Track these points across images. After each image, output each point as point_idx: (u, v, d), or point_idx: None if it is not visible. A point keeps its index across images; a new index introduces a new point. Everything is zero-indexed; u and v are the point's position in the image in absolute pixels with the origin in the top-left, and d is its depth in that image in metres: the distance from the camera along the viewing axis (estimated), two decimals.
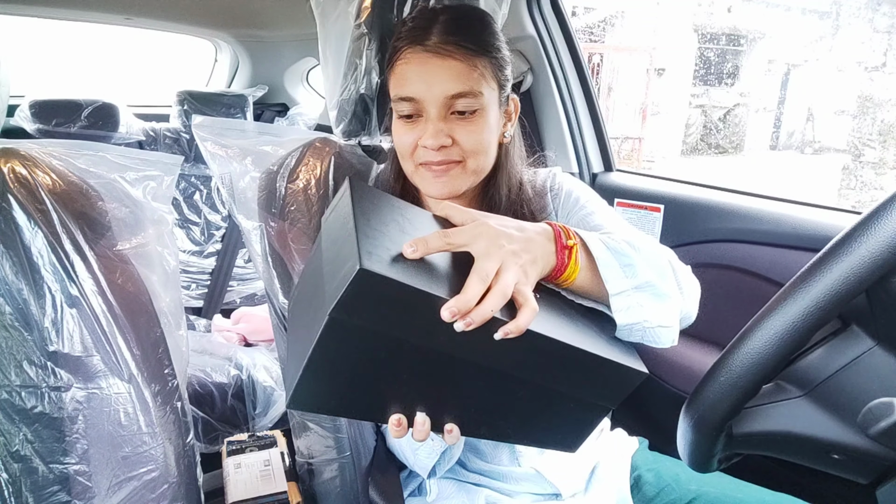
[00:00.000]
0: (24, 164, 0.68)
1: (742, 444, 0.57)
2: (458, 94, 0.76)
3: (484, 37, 0.78)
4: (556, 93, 1.52)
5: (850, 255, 0.48)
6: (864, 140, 3.05)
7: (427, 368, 0.56)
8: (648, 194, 1.38)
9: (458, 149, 0.78)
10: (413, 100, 0.77)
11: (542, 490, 0.87)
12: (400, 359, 0.54)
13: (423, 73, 0.76)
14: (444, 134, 0.77)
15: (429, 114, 0.77)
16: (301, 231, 0.91)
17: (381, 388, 0.57)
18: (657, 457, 0.96)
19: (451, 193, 0.81)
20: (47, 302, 0.68)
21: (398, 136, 0.81)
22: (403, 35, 0.79)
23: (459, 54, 0.75)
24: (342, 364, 0.54)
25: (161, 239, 0.80)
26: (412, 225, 0.60)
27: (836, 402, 0.54)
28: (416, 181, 0.84)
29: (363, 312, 0.50)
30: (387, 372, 0.55)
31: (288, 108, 2.44)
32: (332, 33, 0.93)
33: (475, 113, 0.77)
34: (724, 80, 4.64)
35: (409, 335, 0.53)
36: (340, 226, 0.57)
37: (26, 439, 0.68)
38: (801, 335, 0.50)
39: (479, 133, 0.78)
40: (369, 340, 0.52)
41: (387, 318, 0.51)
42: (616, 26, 4.69)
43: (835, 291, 0.48)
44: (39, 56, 2.43)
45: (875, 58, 2.97)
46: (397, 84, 0.79)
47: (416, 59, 0.76)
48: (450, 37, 0.76)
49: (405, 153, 0.81)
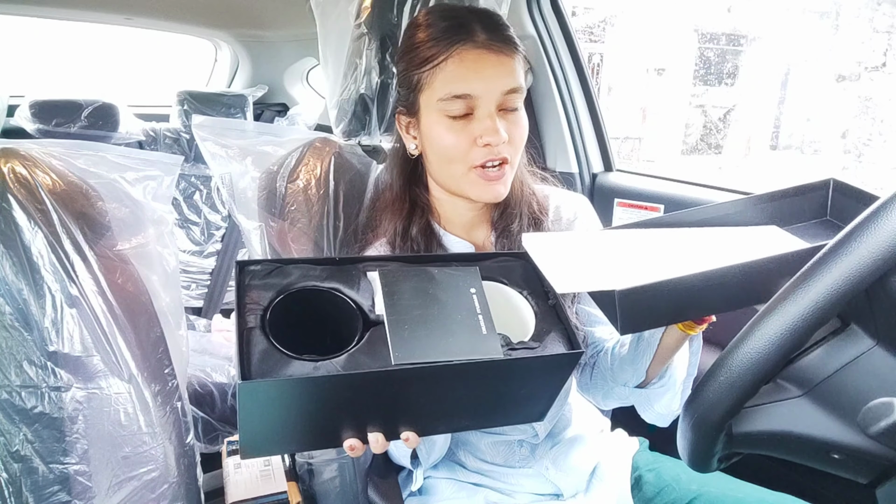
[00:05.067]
0: (24, 164, 0.68)
1: (742, 443, 0.57)
2: (512, 90, 0.75)
3: (512, 35, 0.78)
4: (556, 93, 1.52)
5: (850, 254, 0.48)
6: (864, 140, 3.06)
7: (356, 397, 0.56)
8: (648, 194, 1.38)
9: (510, 146, 0.77)
10: (468, 97, 0.74)
11: (542, 490, 0.87)
12: (323, 400, 0.56)
13: (480, 69, 0.74)
14: (504, 129, 0.75)
15: (484, 111, 0.75)
16: (301, 231, 0.91)
17: (321, 423, 0.58)
18: (657, 457, 0.96)
19: (504, 195, 0.79)
20: (47, 302, 0.68)
21: (444, 138, 0.76)
22: (439, 35, 0.75)
23: (508, 50, 0.76)
24: (272, 416, 0.56)
25: (161, 239, 0.80)
26: None
27: (835, 401, 0.54)
28: (463, 186, 0.79)
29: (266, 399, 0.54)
30: (318, 411, 0.57)
31: (288, 108, 2.44)
32: (332, 33, 0.93)
33: (517, 110, 0.78)
34: (724, 80, 4.64)
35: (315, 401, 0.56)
36: None
37: (26, 439, 0.68)
38: (801, 335, 0.50)
39: (523, 129, 0.79)
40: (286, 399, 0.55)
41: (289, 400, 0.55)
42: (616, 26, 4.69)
43: (834, 291, 0.48)
44: (39, 56, 2.42)
45: (875, 58, 2.97)
46: (449, 82, 0.74)
47: (470, 55, 0.74)
48: (495, 33, 0.75)
49: (456, 155, 0.76)
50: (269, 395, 0.53)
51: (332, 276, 0.60)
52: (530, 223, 0.86)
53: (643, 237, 0.66)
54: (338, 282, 0.60)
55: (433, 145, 0.79)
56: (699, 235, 0.66)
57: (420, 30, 0.78)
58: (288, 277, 0.59)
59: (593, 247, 0.65)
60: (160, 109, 2.27)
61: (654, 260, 0.60)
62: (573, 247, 0.65)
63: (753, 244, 0.64)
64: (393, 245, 0.84)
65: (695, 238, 0.65)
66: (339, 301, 0.59)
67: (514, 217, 0.85)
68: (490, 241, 0.87)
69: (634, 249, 0.64)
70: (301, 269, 0.60)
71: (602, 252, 0.64)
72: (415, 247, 0.83)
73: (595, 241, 0.67)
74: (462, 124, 0.75)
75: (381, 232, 0.86)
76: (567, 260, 0.62)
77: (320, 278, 0.60)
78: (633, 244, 0.65)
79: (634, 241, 0.65)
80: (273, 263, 0.60)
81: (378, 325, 0.57)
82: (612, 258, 0.62)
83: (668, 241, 0.65)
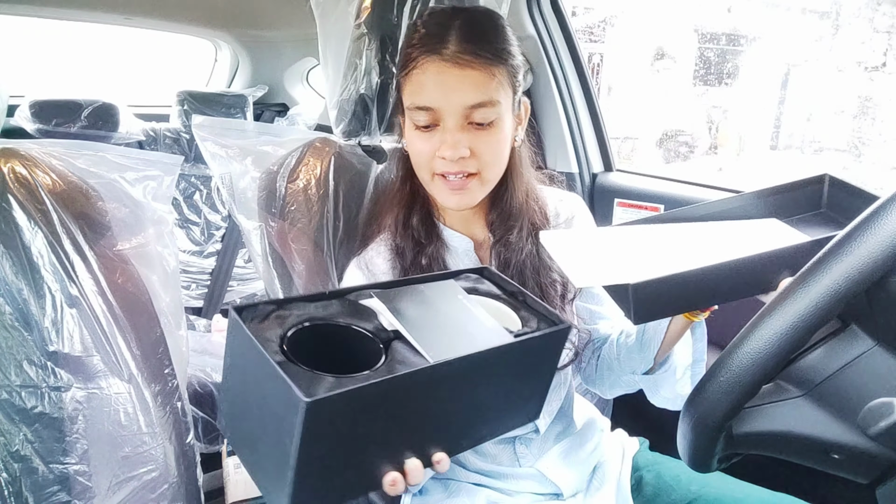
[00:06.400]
0: (24, 164, 0.68)
1: (742, 444, 0.57)
2: (477, 105, 0.74)
3: (500, 44, 0.76)
4: (556, 93, 1.52)
5: (850, 255, 0.48)
6: (864, 140, 3.06)
7: (398, 412, 0.55)
8: (648, 194, 1.38)
9: (476, 160, 0.77)
10: (430, 109, 0.75)
11: (543, 490, 0.87)
12: (375, 423, 0.53)
13: (440, 83, 0.74)
14: (463, 145, 0.75)
15: (446, 124, 0.75)
16: (301, 231, 0.91)
17: (369, 454, 0.55)
18: (658, 457, 0.96)
19: (468, 206, 0.81)
20: (47, 302, 0.68)
21: (413, 145, 0.79)
22: (417, 42, 0.76)
23: (478, 64, 0.74)
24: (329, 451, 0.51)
25: (161, 239, 0.80)
26: None
27: (835, 401, 0.54)
28: (432, 191, 0.82)
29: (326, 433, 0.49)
30: (369, 436, 0.54)
31: (288, 108, 2.44)
32: (332, 33, 0.93)
33: (492, 123, 0.76)
34: (724, 80, 4.64)
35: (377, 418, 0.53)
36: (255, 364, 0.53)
37: (26, 439, 0.68)
38: (801, 335, 0.50)
39: (496, 144, 0.78)
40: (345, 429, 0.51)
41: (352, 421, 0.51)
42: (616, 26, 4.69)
43: (834, 291, 0.48)
44: (39, 56, 2.42)
45: (875, 58, 2.97)
46: (413, 93, 0.77)
47: (433, 68, 0.74)
48: (467, 45, 0.74)
49: (421, 163, 0.79)
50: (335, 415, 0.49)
51: (331, 309, 0.60)
52: (530, 233, 0.86)
53: (652, 232, 0.69)
54: (340, 314, 0.60)
55: (408, 148, 0.82)
56: (704, 230, 0.69)
57: (413, 31, 0.79)
58: (288, 316, 0.57)
59: (606, 242, 0.69)
60: (160, 109, 2.27)
61: (663, 253, 0.64)
62: (587, 243, 0.69)
63: (755, 236, 0.67)
64: (394, 236, 0.86)
65: (700, 232, 0.69)
66: (350, 332, 0.59)
67: (514, 228, 0.85)
68: (488, 238, 0.87)
69: (644, 244, 0.67)
70: (298, 307, 0.59)
71: (614, 247, 0.68)
72: (415, 236, 0.85)
73: (607, 236, 0.70)
74: (429, 134, 0.77)
75: (384, 225, 0.88)
76: (582, 255, 0.65)
77: (322, 313, 0.59)
78: (642, 239, 0.68)
79: (644, 236, 0.69)
80: (269, 305, 0.57)
81: (392, 343, 0.57)
82: (623, 252, 0.66)
83: (676, 236, 0.68)
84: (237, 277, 2.21)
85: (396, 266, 0.85)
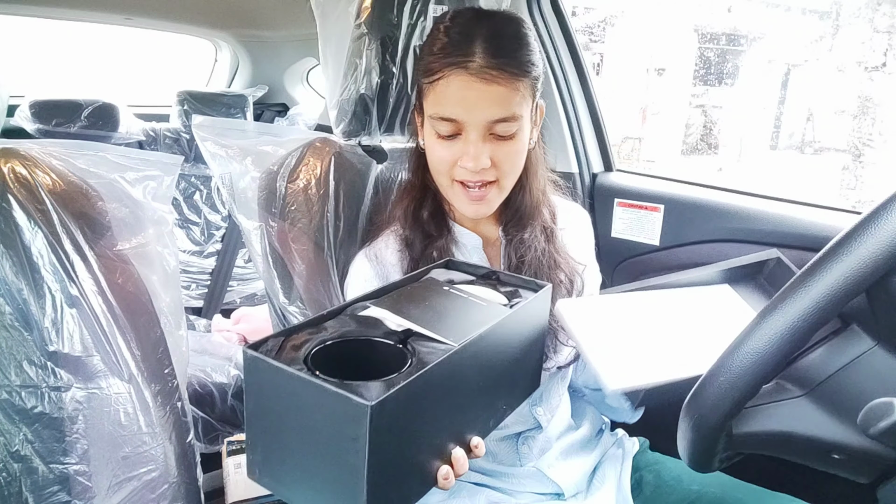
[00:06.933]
0: (24, 164, 0.68)
1: (742, 444, 0.57)
2: (500, 119, 0.75)
3: (524, 56, 0.76)
4: (556, 93, 1.52)
5: (850, 255, 0.48)
6: (864, 140, 3.05)
7: (443, 401, 0.56)
8: (648, 194, 1.38)
9: (495, 169, 0.78)
10: (454, 121, 0.75)
11: (544, 489, 0.87)
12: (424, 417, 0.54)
13: (464, 98, 0.74)
14: (485, 157, 0.76)
15: (469, 136, 0.76)
16: (301, 231, 0.91)
17: (423, 451, 0.55)
18: (658, 457, 0.96)
19: (486, 214, 0.83)
20: (47, 302, 0.68)
21: (434, 152, 0.80)
22: (440, 51, 0.75)
23: (503, 79, 0.73)
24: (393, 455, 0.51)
25: (161, 239, 0.80)
26: None
27: (836, 401, 0.54)
28: (449, 197, 0.83)
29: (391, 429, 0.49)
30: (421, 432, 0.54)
31: (288, 108, 2.44)
32: (332, 33, 0.93)
33: (513, 135, 0.77)
34: (724, 80, 4.64)
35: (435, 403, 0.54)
36: None
37: (26, 439, 0.68)
38: (802, 335, 0.50)
39: (515, 154, 0.79)
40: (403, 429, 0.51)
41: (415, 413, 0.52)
42: (616, 26, 4.69)
43: (835, 291, 0.48)
44: (39, 56, 2.42)
45: (875, 58, 2.96)
46: (437, 103, 0.76)
47: (457, 81, 0.74)
48: (493, 60, 0.73)
49: (442, 169, 0.80)
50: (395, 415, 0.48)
51: (338, 326, 0.59)
52: (542, 231, 0.87)
53: (645, 300, 0.80)
54: (349, 328, 0.59)
55: (427, 152, 0.82)
56: (677, 297, 0.81)
57: (436, 36, 0.78)
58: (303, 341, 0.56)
59: (613, 314, 0.76)
60: (160, 109, 2.27)
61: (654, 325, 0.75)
62: (598, 315, 0.75)
63: (710, 304, 0.81)
64: (404, 227, 0.86)
65: (674, 300, 0.81)
66: (368, 343, 0.58)
67: (528, 227, 0.86)
68: (499, 237, 0.88)
69: (641, 313, 0.77)
70: (306, 331, 0.58)
71: (619, 320, 0.75)
72: (426, 228, 0.85)
73: (613, 306, 0.78)
74: (451, 142, 0.77)
75: (393, 216, 0.88)
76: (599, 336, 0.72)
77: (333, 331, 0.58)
78: (641, 308, 0.78)
79: (641, 304, 0.79)
80: (277, 337, 0.56)
81: (408, 343, 0.57)
82: (628, 328, 0.74)
83: (658, 304, 0.80)
84: (237, 277, 2.21)
85: (405, 257, 0.85)
